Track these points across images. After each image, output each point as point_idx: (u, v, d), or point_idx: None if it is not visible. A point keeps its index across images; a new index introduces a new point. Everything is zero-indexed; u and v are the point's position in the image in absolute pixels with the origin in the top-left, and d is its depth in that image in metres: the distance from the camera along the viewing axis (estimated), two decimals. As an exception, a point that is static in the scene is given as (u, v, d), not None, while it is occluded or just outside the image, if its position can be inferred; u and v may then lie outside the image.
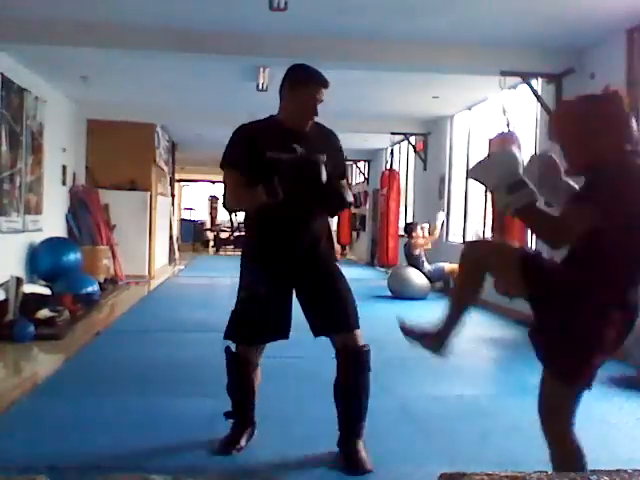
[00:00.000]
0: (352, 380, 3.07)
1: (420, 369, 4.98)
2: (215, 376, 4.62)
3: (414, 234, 9.70)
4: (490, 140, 7.00)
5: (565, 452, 2.23)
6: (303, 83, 3.00)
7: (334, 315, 3.07)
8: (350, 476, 2.97)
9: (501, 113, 6.78)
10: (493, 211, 6.89)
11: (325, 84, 3.00)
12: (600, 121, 2.03)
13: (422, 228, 9.84)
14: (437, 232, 9.74)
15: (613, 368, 5.15)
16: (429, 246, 9.64)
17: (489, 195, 7.40)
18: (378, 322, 7.27)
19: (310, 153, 2.93)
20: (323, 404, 4.10)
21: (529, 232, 6.66)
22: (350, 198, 3.09)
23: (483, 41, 6.55)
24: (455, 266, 9.77)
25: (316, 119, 3.06)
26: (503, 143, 6.68)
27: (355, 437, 3.09)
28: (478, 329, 7.13)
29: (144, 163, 11.81)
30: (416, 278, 9.36)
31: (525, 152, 6.69)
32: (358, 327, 3.09)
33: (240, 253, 3.25)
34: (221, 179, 3.27)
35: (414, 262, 9.54)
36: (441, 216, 9.89)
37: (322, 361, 5.15)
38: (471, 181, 10.02)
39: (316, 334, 3.15)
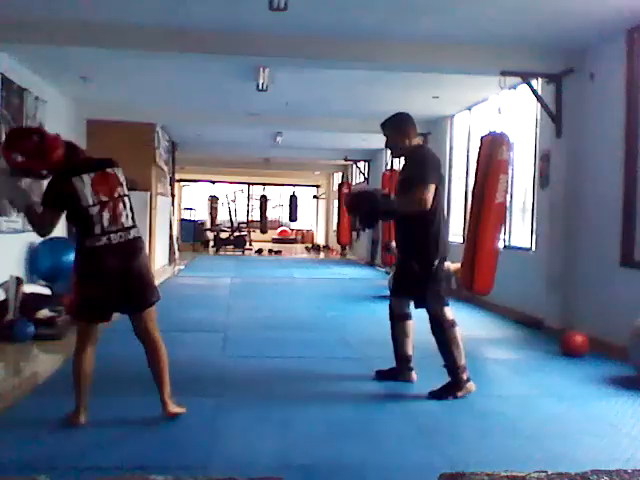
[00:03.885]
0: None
1: (420, 369, 4.97)
2: (215, 376, 4.64)
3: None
4: (482, 138, 6.97)
5: None
6: None
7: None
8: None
9: (497, 112, 6.76)
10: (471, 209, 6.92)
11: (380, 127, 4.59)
12: None
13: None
14: None
15: (613, 368, 5.17)
16: None
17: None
18: (377, 322, 7.28)
19: None
20: (323, 404, 4.12)
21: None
22: None
23: (483, 41, 6.56)
24: (457, 265, 9.77)
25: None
26: (493, 143, 6.64)
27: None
28: (478, 329, 7.13)
29: (144, 163, 11.79)
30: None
31: (517, 152, 6.72)
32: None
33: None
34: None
35: None
36: None
37: (322, 361, 5.17)
38: (471, 180, 10.04)
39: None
